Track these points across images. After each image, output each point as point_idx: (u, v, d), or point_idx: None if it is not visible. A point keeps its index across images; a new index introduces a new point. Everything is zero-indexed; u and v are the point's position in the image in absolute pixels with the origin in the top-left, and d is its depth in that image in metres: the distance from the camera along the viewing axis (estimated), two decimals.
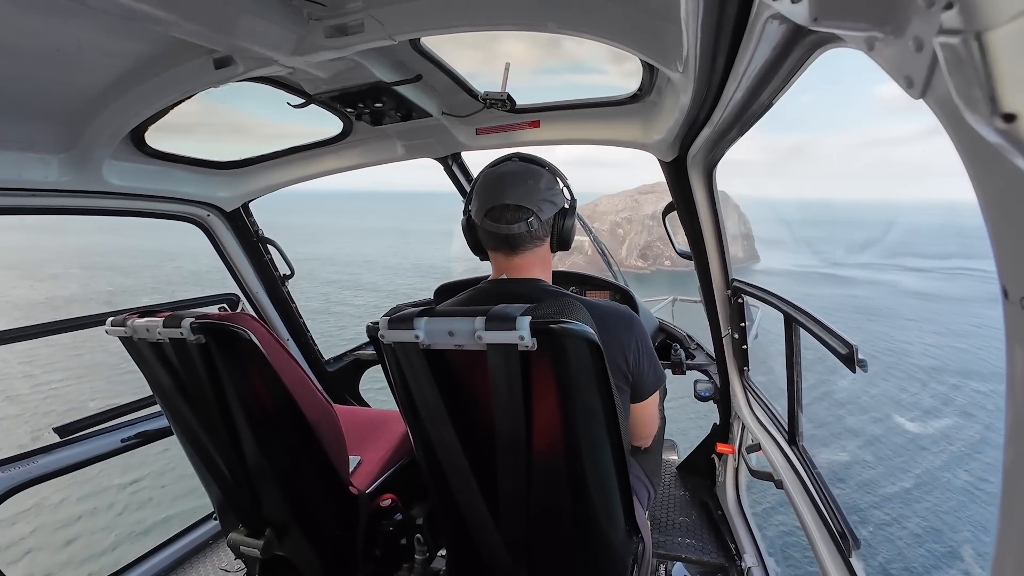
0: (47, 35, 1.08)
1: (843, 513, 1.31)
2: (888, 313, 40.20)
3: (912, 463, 17.81)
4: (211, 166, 2.14)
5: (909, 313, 39.69)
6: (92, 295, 38.83)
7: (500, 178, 1.16)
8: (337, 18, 1.14)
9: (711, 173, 1.61)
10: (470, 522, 1.13)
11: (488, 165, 1.25)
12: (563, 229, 1.20)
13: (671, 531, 2.20)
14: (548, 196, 1.15)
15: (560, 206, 1.18)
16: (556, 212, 1.18)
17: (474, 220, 1.21)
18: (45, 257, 56.49)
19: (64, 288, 41.43)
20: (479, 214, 1.18)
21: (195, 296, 2.37)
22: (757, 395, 1.98)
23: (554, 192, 1.17)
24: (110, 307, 3.50)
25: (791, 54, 0.78)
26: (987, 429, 20.11)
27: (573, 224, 1.23)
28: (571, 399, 0.94)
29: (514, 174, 1.16)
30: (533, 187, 1.14)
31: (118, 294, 40.61)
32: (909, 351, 29.55)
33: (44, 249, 61.90)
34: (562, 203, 1.19)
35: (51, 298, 37.59)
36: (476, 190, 1.20)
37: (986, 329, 32.86)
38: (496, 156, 1.29)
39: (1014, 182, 0.31)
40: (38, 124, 1.44)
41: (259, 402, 1.33)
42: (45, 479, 1.75)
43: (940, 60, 0.29)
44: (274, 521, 1.51)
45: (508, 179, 1.15)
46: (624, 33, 1.06)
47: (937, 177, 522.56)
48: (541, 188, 1.15)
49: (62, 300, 36.71)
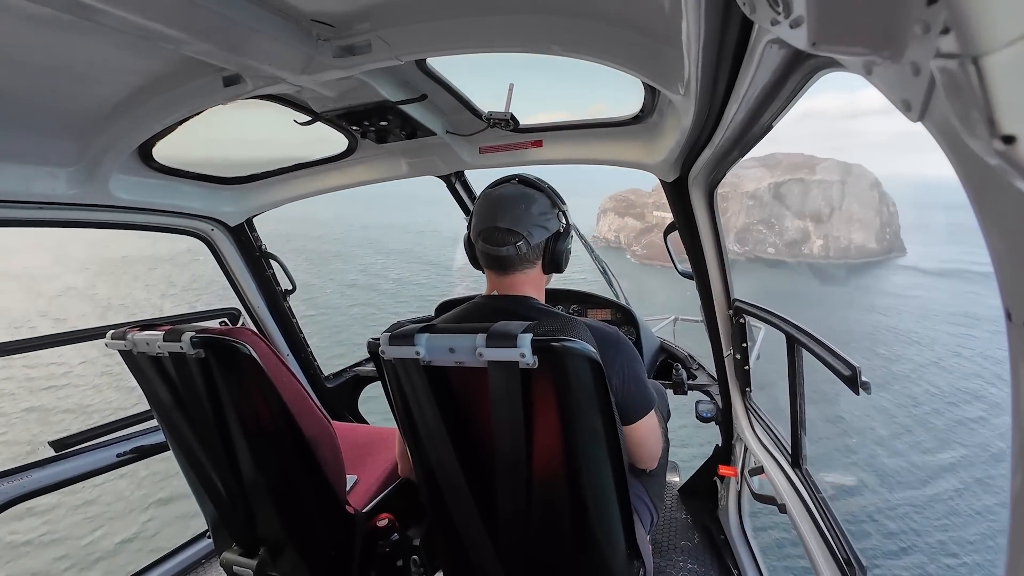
0: (60, 52, 1.10)
1: (848, 539, 1.28)
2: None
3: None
4: (216, 181, 2.17)
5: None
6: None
7: (495, 201, 1.19)
8: (345, 39, 1.17)
9: (712, 193, 1.62)
10: (468, 544, 1.11)
11: (488, 186, 1.28)
12: (555, 253, 1.22)
13: (672, 555, 2.15)
14: (540, 221, 1.18)
15: (552, 231, 1.20)
16: (548, 236, 1.20)
17: (472, 239, 1.25)
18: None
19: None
20: (475, 234, 1.22)
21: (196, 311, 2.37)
22: (760, 416, 1.95)
23: (547, 217, 1.19)
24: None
25: (791, 77, 0.79)
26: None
27: (566, 248, 1.26)
28: (572, 417, 0.93)
29: (508, 198, 1.19)
30: (525, 212, 1.16)
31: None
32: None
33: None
34: (555, 228, 1.21)
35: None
36: (475, 210, 1.24)
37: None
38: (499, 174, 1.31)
39: (1015, 204, 0.31)
40: (48, 138, 1.46)
41: (257, 418, 1.31)
42: (40, 493, 1.73)
43: (938, 84, 0.30)
44: (268, 540, 1.48)
45: (502, 202, 1.18)
46: (626, 56, 1.09)
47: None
48: (533, 213, 1.17)
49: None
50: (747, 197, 51.61)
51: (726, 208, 50.56)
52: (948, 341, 30.94)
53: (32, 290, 35.60)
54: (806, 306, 36.26)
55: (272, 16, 1.05)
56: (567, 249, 1.27)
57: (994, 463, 18.56)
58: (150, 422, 2.08)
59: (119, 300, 35.18)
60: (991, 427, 20.98)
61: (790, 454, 1.63)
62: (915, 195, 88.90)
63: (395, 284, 41.38)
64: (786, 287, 15.92)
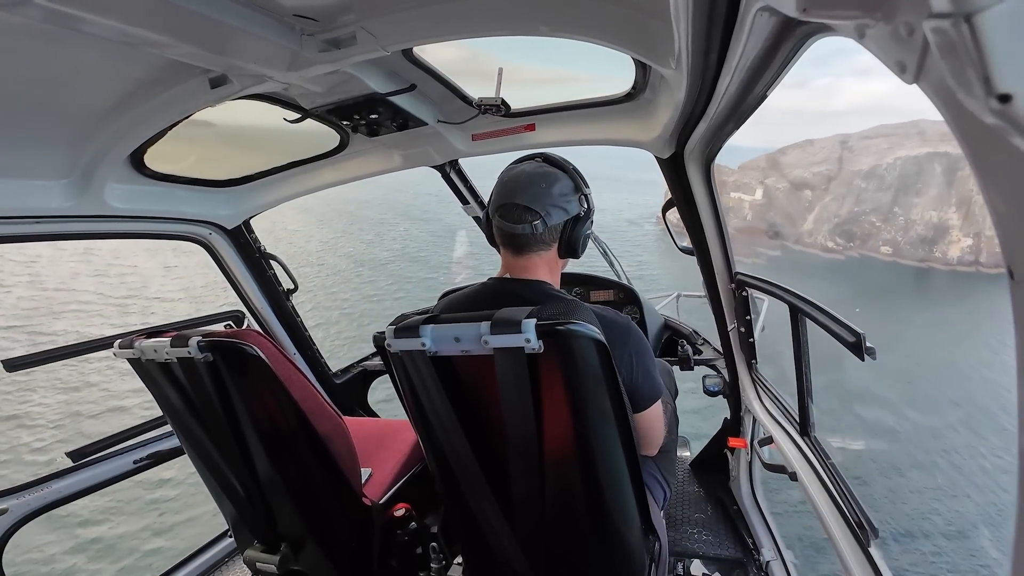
0: (43, 62, 1.09)
1: (860, 503, 1.30)
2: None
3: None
4: (211, 184, 2.16)
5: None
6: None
7: (515, 177, 1.16)
8: (329, 32, 1.15)
9: (709, 167, 1.61)
10: (485, 528, 1.13)
11: (512, 162, 1.25)
12: (571, 237, 1.19)
13: (687, 527, 2.19)
14: (559, 202, 1.14)
15: (572, 214, 1.17)
16: (567, 219, 1.17)
17: (489, 215, 1.23)
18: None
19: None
20: (493, 209, 1.19)
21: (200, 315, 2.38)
22: (767, 388, 1.96)
23: (567, 199, 1.16)
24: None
25: (783, 45, 0.78)
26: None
27: (584, 234, 1.22)
28: (581, 400, 0.94)
29: (529, 175, 1.16)
30: (545, 191, 1.13)
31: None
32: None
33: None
34: (575, 211, 1.17)
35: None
36: (496, 185, 1.21)
37: None
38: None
39: (1014, 162, 0.31)
40: (38, 151, 1.45)
41: (269, 417, 1.33)
42: (59, 504, 1.76)
43: (931, 44, 0.29)
44: (289, 536, 1.51)
45: (522, 179, 1.15)
46: (615, 33, 1.07)
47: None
48: (553, 193, 1.14)
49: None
50: (861, 177, 36.56)
51: (823, 193, 35.19)
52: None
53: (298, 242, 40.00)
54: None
55: (254, 13, 1.04)
56: (586, 235, 1.23)
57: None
58: (164, 427, 2.10)
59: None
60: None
61: (798, 423, 1.64)
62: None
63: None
64: (912, 309, 12.86)
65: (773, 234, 42.84)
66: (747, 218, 43.74)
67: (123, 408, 14.85)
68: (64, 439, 13.47)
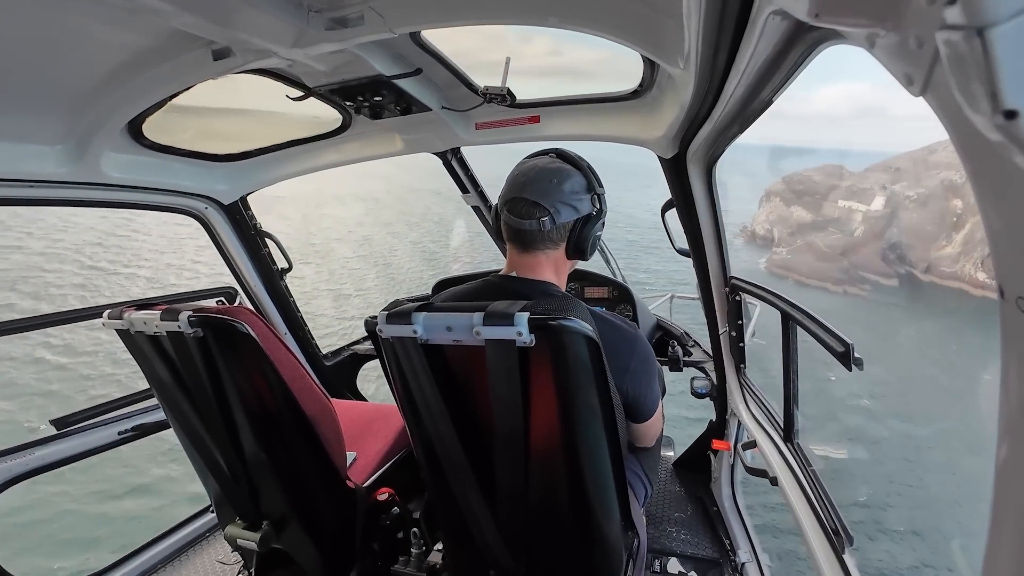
0: (43, 26, 1.07)
1: (837, 510, 1.32)
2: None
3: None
4: (209, 158, 2.13)
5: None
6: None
7: (527, 171, 1.14)
8: (337, 10, 1.14)
9: (711, 170, 1.61)
10: (467, 516, 1.14)
11: (525, 157, 1.23)
12: (580, 237, 1.16)
13: (666, 526, 2.21)
14: (570, 199, 1.11)
15: (583, 213, 1.14)
16: (577, 218, 1.14)
17: (498, 208, 1.20)
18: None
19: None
20: (501, 203, 1.17)
21: (192, 290, 2.37)
22: (753, 392, 1.98)
23: (579, 197, 1.13)
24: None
25: (792, 50, 0.78)
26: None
27: (594, 235, 1.19)
28: (569, 395, 0.94)
29: (540, 169, 1.13)
30: (556, 187, 1.10)
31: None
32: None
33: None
34: (586, 210, 1.15)
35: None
36: (508, 178, 1.18)
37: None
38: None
39: (1013, 180, 0.31)
40: (35, 115, 1.43)
41: (257, 396, 1.33)
42: (42, 471, 1.75)
43: (942, 56, 0.29)
44: (272, 515, 1.51)
45: (533, 173, 1.13)
46: (625, 28, 1.06)
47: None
48: (564, 190, 1.11)
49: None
50: (945, 167, 26.15)
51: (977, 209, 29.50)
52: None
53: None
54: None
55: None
56: (595, 236, 1.20)
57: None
58: (151, 400, 2.09)
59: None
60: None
61: (783, 428, 1.66)
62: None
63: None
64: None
65: (893, 257, 32.09)
66: (855, 234, 34.89)
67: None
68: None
